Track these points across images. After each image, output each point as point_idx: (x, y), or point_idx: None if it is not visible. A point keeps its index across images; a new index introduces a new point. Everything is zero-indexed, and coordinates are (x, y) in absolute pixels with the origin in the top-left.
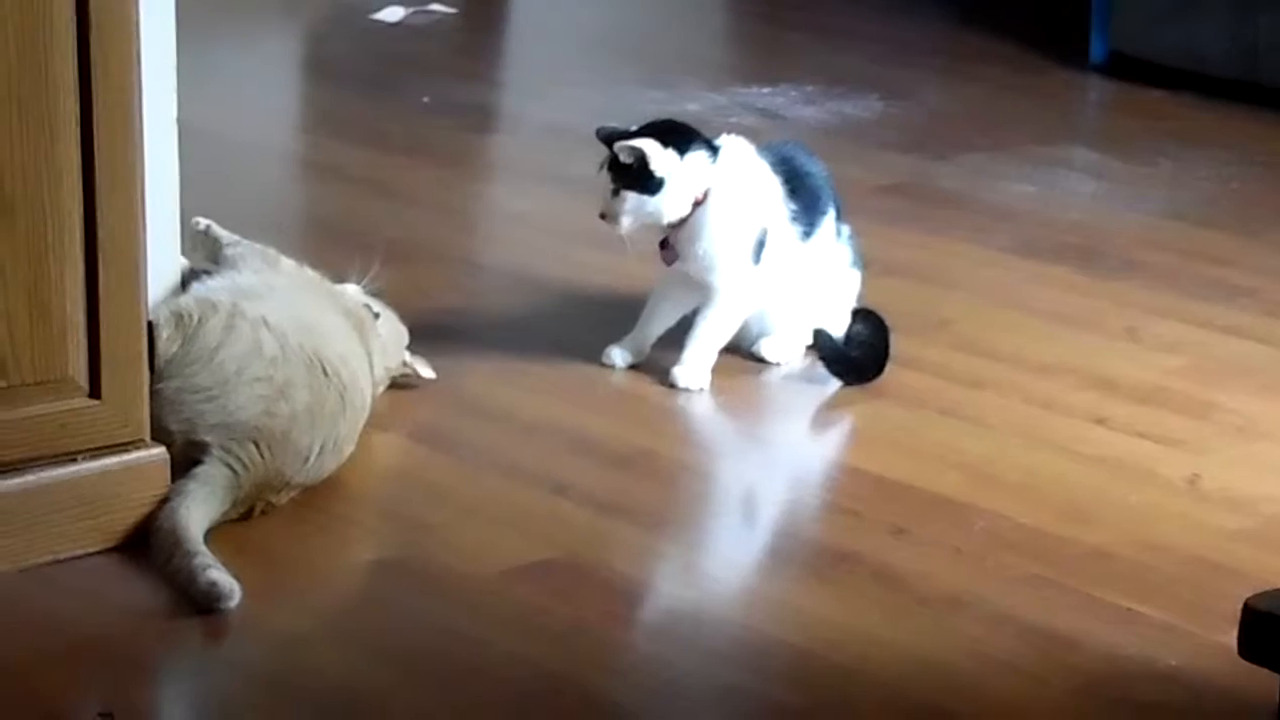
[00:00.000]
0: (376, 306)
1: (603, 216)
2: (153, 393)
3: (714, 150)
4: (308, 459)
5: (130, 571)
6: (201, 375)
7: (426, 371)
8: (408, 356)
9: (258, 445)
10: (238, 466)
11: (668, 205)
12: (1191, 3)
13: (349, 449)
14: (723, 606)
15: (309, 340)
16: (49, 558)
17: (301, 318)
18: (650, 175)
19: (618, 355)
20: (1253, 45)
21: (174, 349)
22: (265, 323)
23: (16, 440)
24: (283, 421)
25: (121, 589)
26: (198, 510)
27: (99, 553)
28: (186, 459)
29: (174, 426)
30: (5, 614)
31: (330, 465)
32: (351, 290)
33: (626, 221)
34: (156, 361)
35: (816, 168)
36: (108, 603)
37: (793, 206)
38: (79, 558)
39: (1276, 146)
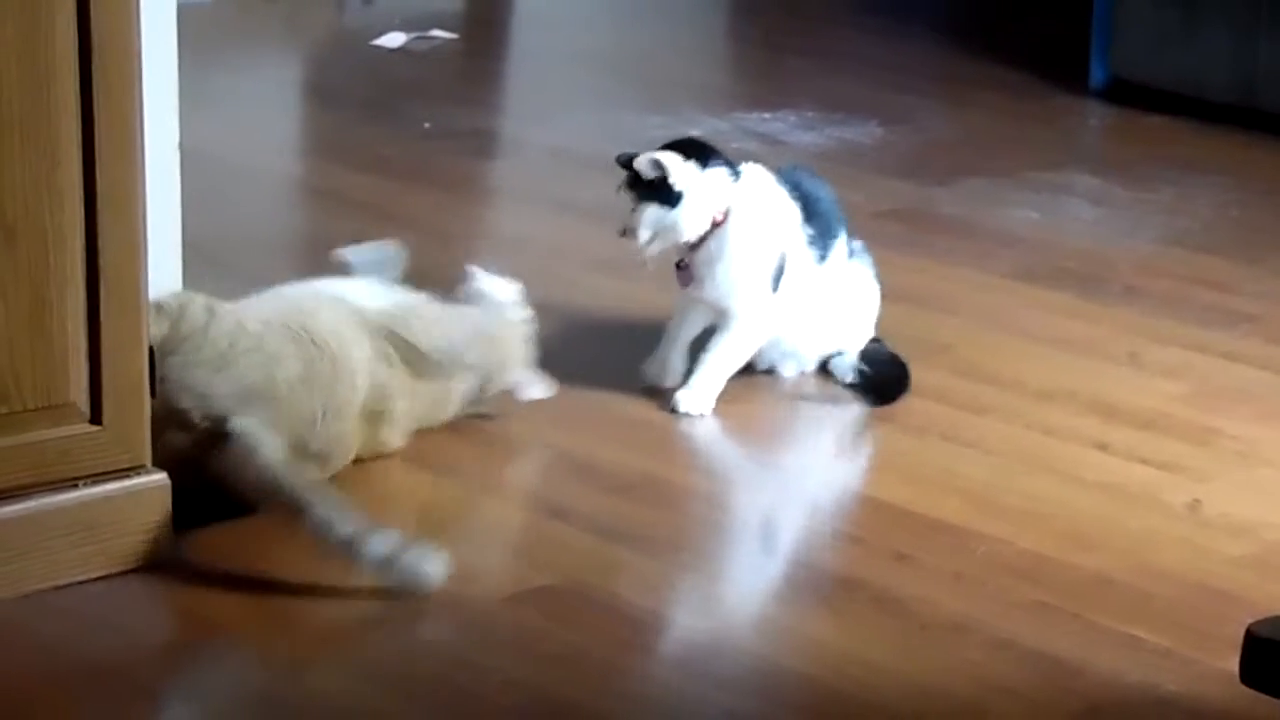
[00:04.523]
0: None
1: (623, 234)
2: (160, 379)
3: (735, 171)
4: (314, 423)
5: (131, 597)
6: (203, 349)
7: (536, 392)
8: (520, 375)
9: (270, 408)
10: (268, 425)
11: (687, 220)
12: (1191, 29)
13: (351, 416)
14: (725, 632)
15: (294, 318)
16: (50, 583)
17: (287, 303)
18: (670, 188)
19: (655, 374)
20: (1252, 71)
21: (164, 330)
22: (242, 313)
23: (17, 466)
24: (283, 387)
25: (123, 614)
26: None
27: (100, 578)
28: (209, 440)
29: (188, 404)
30: (6, 639)
31: (337, 431)
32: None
33: (645, 235)
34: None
35: (825, 190)
36: (109, 628)
37: (809, 231)
38: (80, 583)
39: (1276, 173)
